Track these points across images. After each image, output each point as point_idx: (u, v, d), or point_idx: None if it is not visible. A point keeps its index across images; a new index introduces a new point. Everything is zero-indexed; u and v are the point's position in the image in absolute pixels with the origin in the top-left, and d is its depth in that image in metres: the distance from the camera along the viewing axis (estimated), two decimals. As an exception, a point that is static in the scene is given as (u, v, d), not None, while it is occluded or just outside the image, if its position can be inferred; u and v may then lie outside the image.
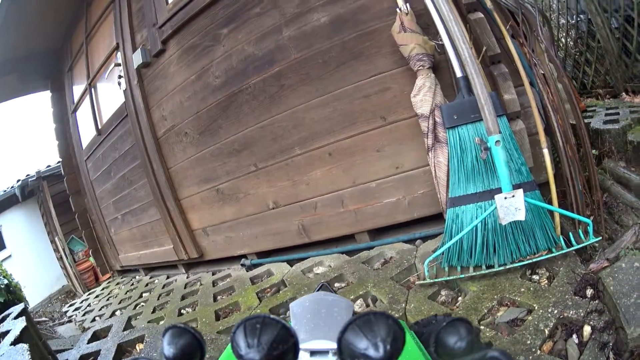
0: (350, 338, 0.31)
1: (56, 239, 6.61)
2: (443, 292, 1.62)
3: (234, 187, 2.59)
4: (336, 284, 1.97)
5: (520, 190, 1.46)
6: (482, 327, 1.24)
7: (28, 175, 6.43)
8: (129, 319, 2.78)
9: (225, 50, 2.49)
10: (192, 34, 2.69)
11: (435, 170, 1.84)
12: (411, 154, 2.03)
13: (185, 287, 2.96)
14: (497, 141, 1.52)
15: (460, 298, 1.56)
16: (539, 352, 1.07)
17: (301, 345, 0.38)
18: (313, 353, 0.47)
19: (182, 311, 2.49)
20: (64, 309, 4.49)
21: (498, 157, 1.53)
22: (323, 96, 2.14)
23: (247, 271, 2.66)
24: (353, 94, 2.08)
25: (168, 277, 3.52)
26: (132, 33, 3.27)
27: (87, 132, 4.26)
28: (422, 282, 1.65)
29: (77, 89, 4.46)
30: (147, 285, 3.64)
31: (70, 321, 3.66)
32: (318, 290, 1.05)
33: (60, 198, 6.24)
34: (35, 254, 8.14)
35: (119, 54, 3.45)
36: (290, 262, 2.46)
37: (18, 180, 6.43)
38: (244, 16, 2.39)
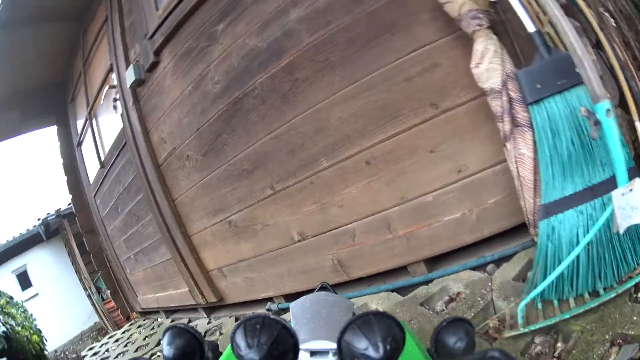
0: (350, 338, 0.30)
1: (82, 277, 6.39)
2: (537, 340, 1.17)
3: (248, 218, 2.09)
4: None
5: (638, 180, 1.04)
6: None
7: (48, 214, 6.26)
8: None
9: (223, 48, 2.02)
10: (185, 37, 2.25)
11: (517, 168, 1.30)
12: (476, 151, 1.48)
13: (204, 335, 2.48)
14: (607, 110, 1.07)
15: (559, 344, 1.12)
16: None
17: (301, 346, 0.34)
18: (313, 353, 0.44)
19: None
20: (83, 353, 4.16)
21: (611, 133, 1.08)
22: (351, 86, 1.61)
23: (275, 319, 2.15)
24: (390, 78, 1.54)
25: (189, 321, 3.05)
26: (126, 50, 2.89)
27: (92, 166, 3.94)
28: (513, 333, 1.17)
29: (81, 121, 4.16)
30: (167, 331, 3.20)
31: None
32: (318, 290, 0.95)
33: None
34: (65, 292, 8.05)
35: (113, 75, 3.08)
36: (328, 307, 1.92)
37: (38, 219, 6.29)
38: (241, 5, 1.92)
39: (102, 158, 3.54)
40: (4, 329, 2.26)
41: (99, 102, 3.58)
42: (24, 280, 8.37)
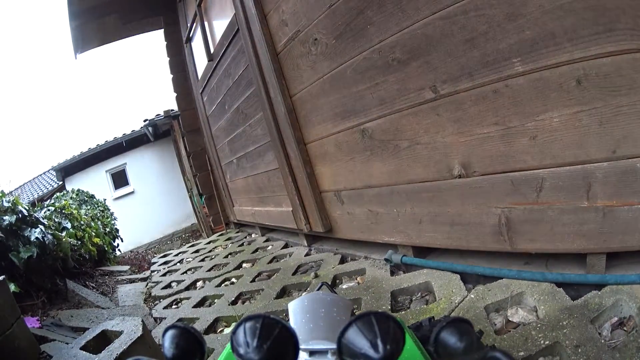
0: (351, 338, 0.29)
1: (186, 178, 6.68)
2: None
3: (391, 128, 1.51)
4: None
5: None
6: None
7: (158, 115, 6.41)
8: (202, 300, 2.19)
9: None
10: None
11: None
12: None
13: (295, 272, 2.11)
14: None
15: None
16: None
17: (300, 346, 0.33)
18: (312, 353, 0.42)
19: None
20: (153, 260, 4.20)
21: None
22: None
23: (392, 274, 1.65)
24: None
25: (285, 247, 2.75)
26: None
27: (201, 62, 3.66)
28: None
29: (190, 17, 3.85)
30: (255, 251, 2.95)
31: (144, 279, 3.23)
32: (318, 290, 0.85)
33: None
34: (165, 192, 8.45)
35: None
36: (466, 278, 1.38)
37: (145, 120, 6.46)
38: None
39: (211, 51, 3.18)
40: (38, 236, 2.14)
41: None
42: (120, 179, 8.71)
